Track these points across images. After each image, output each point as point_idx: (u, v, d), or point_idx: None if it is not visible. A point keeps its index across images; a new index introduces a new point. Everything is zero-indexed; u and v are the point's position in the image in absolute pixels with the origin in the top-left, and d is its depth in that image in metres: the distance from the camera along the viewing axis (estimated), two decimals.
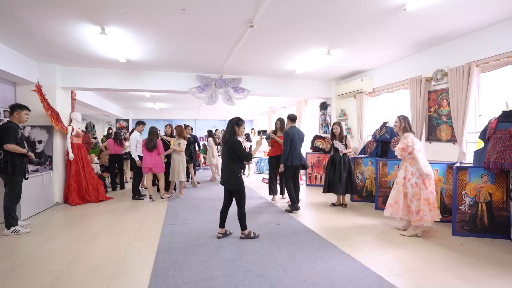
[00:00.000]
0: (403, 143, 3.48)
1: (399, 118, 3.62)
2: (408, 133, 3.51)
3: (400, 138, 3.65)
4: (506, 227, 3.37)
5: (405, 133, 3.54)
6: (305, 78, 6.86)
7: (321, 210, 4.76)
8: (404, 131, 3.56)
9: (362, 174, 5.31)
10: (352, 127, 6.62)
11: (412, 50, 4.75)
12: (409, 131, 3.53)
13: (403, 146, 3.47)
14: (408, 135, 3.47)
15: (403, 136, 3.55)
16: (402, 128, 3.57)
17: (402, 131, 3.59)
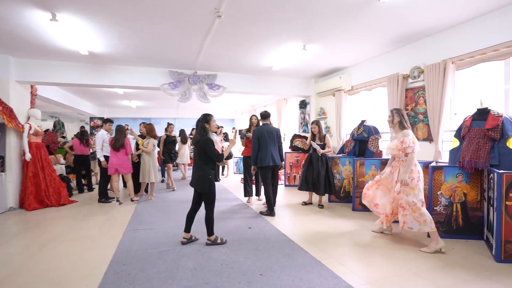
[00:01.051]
0: (400, 141, 3.07)
1: (392, 112, 3.22)
2: (407, 131, 3.10)
3: (394, 135, 3.24)
4: (480, 227, 3.29)
5: (403, 130, 3.12)
6: (283, 76, 6.67)
7: (297, 211, 4.57)
8: (402, 127, 3.14)
9: (340, 174, 5.17)
10: (331, 125, 6.49)
11: (390, 47, 4.64)
12: (407, 127, 3.14)
13: (400, 145, 3.05)
14: (409, 133, 3.07)
15: (402, 133, 3.10)
16: (398, 123, 3.16)
17: (399, 127, 3.17)
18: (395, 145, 3.11)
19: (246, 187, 5.14)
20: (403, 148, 3.04)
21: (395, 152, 3.15)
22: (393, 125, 3.22)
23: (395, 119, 3.19)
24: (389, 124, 3.27)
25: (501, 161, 2.97)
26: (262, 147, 4.32)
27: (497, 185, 2.74)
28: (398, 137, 3.13)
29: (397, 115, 3.18)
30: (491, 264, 2.69)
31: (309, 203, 5.10)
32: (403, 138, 3.06)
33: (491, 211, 2.98)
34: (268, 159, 4.30)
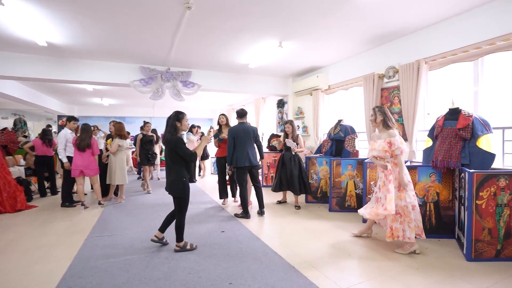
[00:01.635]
0: (387, 142, 2.87)
1: (374, 110, 3.01)
2: (393, 131, 2.91)
3: (377, 135, 3.03)
4: (452, 226, 3.31)
5: (388, 130, 2.93)
6: (261, 74, 6.55)
7: (273, 213, 4.45)
8: (386, 127, 2.95)
9: (317, 174, 5.11)
10: (308, 125, 6.44)
11: (366, 46, 4.63)
12: (391, 126, 2.94)
13: (388, 147, 2.85)
14: (395, 133, 2.88)
15: (387, 134, 2.90)
16: (381, 122, 2.96)
17: (383, 126, 2.97)
18: (381, 146, 2.91)
19: (221, 188, 4.96)
20: (391, 150, 2.88)
21: (381, 154, 2.94)
22: (376, 124, 3.02)
23: (378, 117, 2.99)
24: (372, 124, 3.09)
25: (471, 160, 2.99)
26: (238, 147, 4.15)
27: (468, 185, 2.74)
28: (383, 137, 2.94)
29: (380, 113, 2.98)
30: (462, 263, 2.69)
31: (283, 201, 5.06)
32: (390, 139, 2.87)
33: (462, 210, 3.00)
34: (245, 159, 4.13)
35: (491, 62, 3.35)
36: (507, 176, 2.73)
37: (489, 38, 3.12)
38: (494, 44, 3.09)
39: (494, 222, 2.75)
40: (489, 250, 2.76)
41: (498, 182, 2.73)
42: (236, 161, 4.15)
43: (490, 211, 2.74)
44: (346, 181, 4.50)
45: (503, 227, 2.76)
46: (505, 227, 2.76)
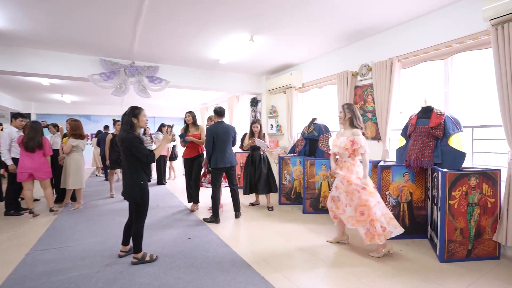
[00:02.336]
0: (350, 140, 2.84)
1: (343, 107, 2.98)
2: (357, 130, 2.88)
3: (342, 132, 3.00)
4: (424, 226, 3.28)
5: (353, 129, 2.91)
6: (233, 71, 6.29)
7: (245, 215, 4.21)
8: (351, 125, 2.93)
9: (291, 174, 4.95)
10: (282, 124, 6.28)
11: (339, 44, 4.53)
12: (357, 126, 2.91)
13: (350, 145, 2.82)
14: (359, 133, 2.86)
15: (352, 132, 2.88)
16: (348, 119, 2.94)
17: (349, 124, 2.94)
18: (344, 143, 2.88)
19: (189, 191, 4.64)
20: (353, 149, 2.84)
21: (341, 151, 2.91)
22: (344, 121, 2.98)
23: (346, 115, 2.95)
24: (340, 120, 3.04)
25: (443, 159, 2.95)
26: (218, 147, 3.92)
27: (441, 184, 2.68)
28: (347, 135, 2.92)
29: (349, 111, 2.95)
30: (436, 265, 2.62)
31: (256, 203, 4.87)
32: (353, 138, 2.85)
33: (434, 210, 2.95)
34: (226, 160, 3.93)
35: (460, 62, 3.35)
36: (478, 175, 2.71)
37: (459, 37, 3.10)
38: (464, 42, 3.08)
39: (465, 221, 2.72)
40: (461, 250, 2.72)
41: (469, 181, 2.69)
42: (216, 162, 3.90)
43: (462, 211, 2.70)
44: (320, 181, 4.38)
45: (474, 226, 2.73)
46: (475, 226, 2.74)
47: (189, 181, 4.57)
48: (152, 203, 5.02)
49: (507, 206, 2.67)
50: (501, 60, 2.72)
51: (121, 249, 2.81)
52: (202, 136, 4.41)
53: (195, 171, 4.45)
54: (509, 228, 2.65)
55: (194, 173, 4.45)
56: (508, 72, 2.67)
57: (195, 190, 4.52)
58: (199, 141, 4.38)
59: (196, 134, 4.41)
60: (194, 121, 4.51)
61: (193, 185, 4.49)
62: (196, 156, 4.46)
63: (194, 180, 4.47)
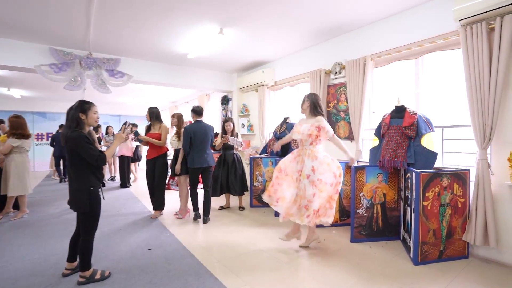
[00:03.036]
0: (316, 126, 2.76)
1: (307, 96, 2.95)
2: (321, 117, 2.84)
3: (304, 120, 2.94)
4: (397, 227, 3.24)
5: (317, 115, 2.86)
6: (203, 67, 5.97)
7: (214, 220, 3.94)
8: (313, 113, 2.88)
9: (262, 175, 4.76)
10: (253, 123, 6.08)
11: (313, 41, 4.42)
12: (320, 113, 2.88)
13: (316, 131, 2.75)
14: (323, 119, 2.82)
15: (315, 120, 2.82)
16: (308, 108, 2.90)
17: (310, 113, 2.90)
18: (308, 129, 2.79)
19: (152, 197, 4.25)
20: (316, 135, 2.77)
21: (304, 137, 2.82)
22: (303, 110, 2.97)
23: (305, 103, 2.94)
24: (302, 111, 3.01)
25: (416, 159, 2.91)
26: (196, 147, 3.85)
27: (415, 185, 2.62)
28: (310, 122, 2.86)
29: (308, 100, 2.93)
30: (410, 268, 2.55)
31: (227, 207, 4.62)
32: (319, 124, 2.79)
33: (408, 211, 2.90)
34: (203, 160, 3.86)
35: (430, 62, 3.36)
36: (449, 175, 2.69)
37: (430, 37, 3.10)
38: (435, 42, 3.07)
39: (438, 222, 2.68)
40: (434, 251, 2.68)
41: (442, 181, 2.67)
42: (193, 162, 3.80)
43: (434, 212, 2.66)
44: None
45: (446, 227, 2.71)
46: (447, 227, 2.72)
47: (151, 185, 4.18)
48: (112, 210, 4.57)
49: (475, 205, 2.68)
50: (469, 60, 2.73)
51: (66, 266, 2.42)
52: (162, 135, 4.05)
53: (158, 173, 4.08)
54: (477, 227, 2.66)
55: (157, 176, 4.08)
56: (477, 72, 2.68)
57: (159, 194, 4.14)
58: (155, 141, 4.00)
59: (155, 134, 4.04)
60: (157, 118, 4.14)
61: (156, 189, 4.11)
62: (157, 157, 4.08)
63: (158, 183, 4.10)
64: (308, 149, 2.83)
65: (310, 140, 2.81)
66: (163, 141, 4.01)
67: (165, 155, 4.15)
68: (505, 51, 2.53)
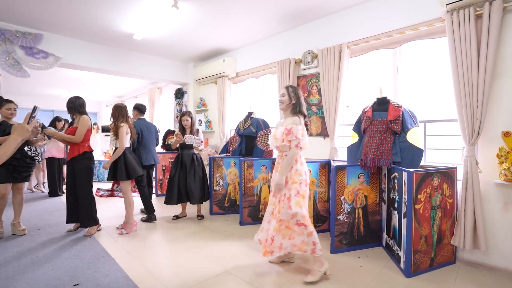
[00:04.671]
0: (287, 129, 2.27)
1: (287, 89, 2.38)
2: (297, 118, 2.30)
3: (282, 121, 2.43)
4: (378, 232, 2.92)
5: (294, 115, 2.33)
6: (153, 53, 5.14)
7: (168, 234, 3.23)
8: (293, 112, 2.35)
9: (224, 178, 4.16)
10: (212, 119, 5.44)
11: (281, 27, 3.96)
12: (300, 113, 2.34)
13: (285, 135, 2.25)
14: (299, 121, 2.28)
15: (292, 120, 2.30)
16: (291, 106, 2.36)
17: (291, 111, 2.37)
18: (281, 133, 2.30)
19: (70, 209, 3.27)
20: (288, 140, 2.25)
21: (279, 143, 2.31)
22: (286, 107, 2.38)
23: (291, 99, 2.35)
24: (280, 105, 2.41)
25: (402, 157, 2.61)
26: (144, 145, 3.95)
27: (408, 187, 2.29)
28: (286, 124, 2.33)
29: (294, 95, 2.36)
30: (402, 282, 2.21)
31: (182, 216, 3.93)
32: (291, 126, 2.26)
33: (395, 216, 2.58)
34: (150, 157, 4.00)
35: (409, 52, 3.13)
36: (439, 174, 2.42)
37: (413, 24, 2.85)
38: (418, 29, 2.83)
39: (429, 227, 2.40)
40: (425, 260, 2.39)
41: (433, 181, 2.38)
42: (143, 159, 3.86)
43: (426, 216, 2.37)
44: (260, 186, 3.71)
45: (436, 231, 2.44)
46: (437, 232, 2.45)
47: (70, 194, 3.24)
48: (32, 227, 3.55)
49: (464, 206, 2.47)
50: (456, 48, 2.51)
51: None
52: (78, 129, 3.11)
53: (78, 180, 3.14)
54: (467, 230, 2.44)
55: (78, 184, 3.15)
56: (464, 62, 2.47)
57: (85, 207, 3.19)
58: (65, 136, 3.12)
59: (73, 128, 3.14)
60: (77, 110, 3.22)
61: (80, 201, 3.19)
62: (75, 159, 3.15)
63: (80, 193, 3.17)
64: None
65: (288, 146, 2.28)
66: (77, 136, 3.09)
67: (86, 156, 3.22)
68: (494, 39, 2.34)
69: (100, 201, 4.91)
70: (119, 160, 3.24)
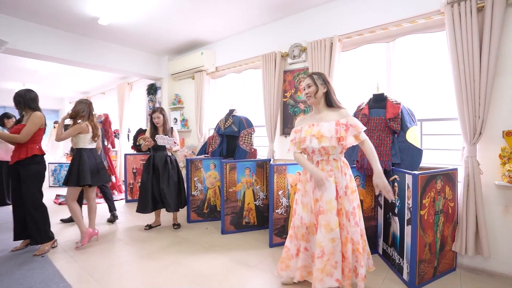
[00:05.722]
0: (343, 123, 1.85)
1: (312, 77, 1.96)
2: (345, 110, 1.93)
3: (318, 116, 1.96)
4: (374, 239, 2.71)
5: (335, 108, 1.94)
6: (123, 43, 4.62)
7: (138, 248, 2.79)
8: (330, 104, 1.95)
9: (203, 182, 3.78)
10: (189, 118, 5.02)
11: (265, 18, 3.67)
12: (340, 105, 1.96)
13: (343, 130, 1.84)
14: (348, 113, 1.91)
15: (339, 113, 1.90)
16: (323, 96, 1.94)
17: (325, 104, 1.96)
18: (334, 129, 1.84)
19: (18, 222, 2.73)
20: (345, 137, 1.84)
21: (331, 143, 1.84)
22: (316, 99, 1.95)
23: (319, 89, 1.92)
24: (309, 100, 1.98)
25: (402, 158, 2.42)
26: None
27: (413, 191, 2.08)
28: (332, 118, 1.91)
29: (322, 81, 1.94)
30: None
31: (156, 225, 3.50)
32: (346, 119, 1.87)
33: (395, 222, 2.37)
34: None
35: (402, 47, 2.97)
36: (442, 176, 2.25)
37: (411, 16, 2.68)
38: (415, 22, 2.66)
39: (433, 234, 2.21)
40: (429, 270, 2.20)
41: (436, 184, 2.20)
42: None
43: (430, 222, 2.18)
44: (243, 190, 3.38)
45: (439, 238, 2.27)
46: (440, 238, 2.28)
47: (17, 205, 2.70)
48: None
49: (466, 210, 2.32)
50: (457, 43, 2.36)
51: None
52: (25, 127, 2.59)
53: (24, 188, 2.61)
54: (469, 235, 2.29)
55: (27, 191, 2.61)
56: (465, 57, 2.32)
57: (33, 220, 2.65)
58: (7, 135, 2.61)
59: (20, 126, 2.62)
60: (27, 105, 2.69)
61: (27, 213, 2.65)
62: (21, 162, 2.60)
63: (27, 204, 2.61)
64: (339, 161, 1.94)
65: (340, 148, 1.90)
66: (21, 135, 2.56)
67: (36, 160, 2.69)
68: (497, 34, 2.21)
69: (59, 209, 4.31)
70: (73, 164, 2.78)
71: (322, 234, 1.83)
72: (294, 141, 2.05)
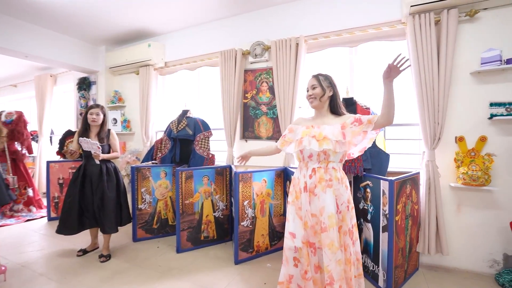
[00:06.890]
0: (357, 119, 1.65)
1: (317, 78, 1.76)
2: (348, 114, 1.77)
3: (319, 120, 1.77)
4: None
5: (338, 114, 1.77)
6: (47, 25, 3.78)
7: (66, 284, 2.20)
8: (333, 110, 1.78)
9: (152, 193, 3.28)
10: (132, 118, 4.38)
11: (225, 11, 3.38)
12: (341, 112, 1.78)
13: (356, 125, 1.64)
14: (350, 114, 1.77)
15: (343, 119, 1.71)
16: (328, 99, 1.77)
17: (329, 109, 1.79)
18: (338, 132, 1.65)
19: None
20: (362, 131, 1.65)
21: (334, 148, 1.64)
22: (321, 103, 1.75)
23: (326, 92, 1.73)
24: (312, 102, 1.77)
25: (372, 163, 2.40)
26: None
27: (389, 197, 2.05)
28: (335, 121, 1.72)
29: (328, 83, 1.75)
30: None
31: (93, 249, 2.87)
32: (353, 116, 1.69)
33: (367, 228, 2.33)
34: None
35: (364, 53, 3.02)
36: (410, 180, 2.30)
37: (376, 23, 2.72)
38: (380, 29, 2.71)
39: (404, 238, 2.23)
40: (401, 274, 2.21)
41: (407, 189, 2.23)
42: None
43: (402, 227, 2.19)
44: (201, 201, 3.02)
45: (409, 241, 2.31)
46: (409, 241, 2.32)
47: None
48: None
49: (428, 211, 2.42)
50: (418, 52, 2.47)
51: None
52: None
53: None
54: (431, 235, 2.39)
55: None
56: (426, 66, 2.44)
57: None
58: None
59: None
60: None
61: None
62: None
63: None
64: (338, 171, 1.70)
65: (341, 154, 1.70)
66: None
67: None
68: (451, 47, 2.37)
69: None
70: None
71: (327, 256, 1.57)
72: (284, 138, 1.90)
